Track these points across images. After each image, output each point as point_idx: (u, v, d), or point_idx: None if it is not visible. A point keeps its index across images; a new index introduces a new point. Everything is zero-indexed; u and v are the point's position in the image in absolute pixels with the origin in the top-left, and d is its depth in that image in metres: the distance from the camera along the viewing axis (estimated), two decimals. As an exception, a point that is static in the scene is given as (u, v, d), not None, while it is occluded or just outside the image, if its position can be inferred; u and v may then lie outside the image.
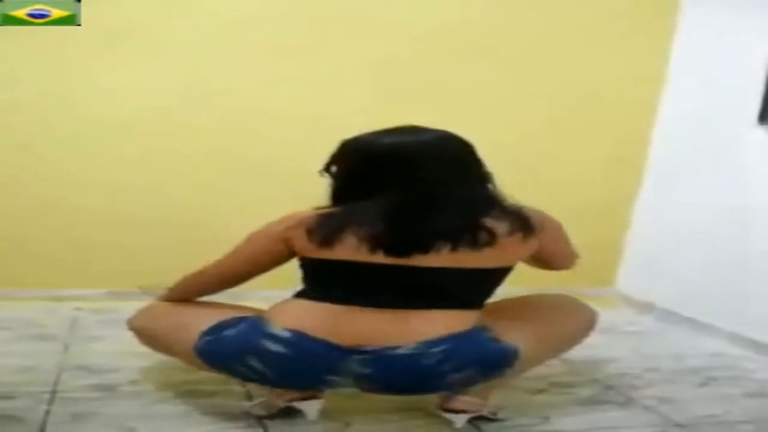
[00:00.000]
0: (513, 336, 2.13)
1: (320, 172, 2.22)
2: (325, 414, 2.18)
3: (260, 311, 2.17)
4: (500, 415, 2.25)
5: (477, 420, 2.20)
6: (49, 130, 3.28)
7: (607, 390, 2.64)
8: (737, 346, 3.25)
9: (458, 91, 3.60)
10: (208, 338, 2.13)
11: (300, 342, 2.02)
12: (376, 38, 3.51)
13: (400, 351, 2.02)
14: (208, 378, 2.42)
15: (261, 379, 2.12)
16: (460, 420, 2.18)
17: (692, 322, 3.53)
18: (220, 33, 3.38)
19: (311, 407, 2.16)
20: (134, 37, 3.27)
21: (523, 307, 2.34)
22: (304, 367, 2.05)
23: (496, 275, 2.18)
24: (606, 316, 2.52)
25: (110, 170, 3.36)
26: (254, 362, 2.05)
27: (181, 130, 3.39)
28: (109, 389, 2.38)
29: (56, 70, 3.25)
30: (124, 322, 2.36)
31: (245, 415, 2.19)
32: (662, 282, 3.77)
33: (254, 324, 2.09)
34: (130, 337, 2.42)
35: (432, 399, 2.21)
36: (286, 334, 2.03)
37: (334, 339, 2.02)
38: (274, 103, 3.44)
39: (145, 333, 2.39)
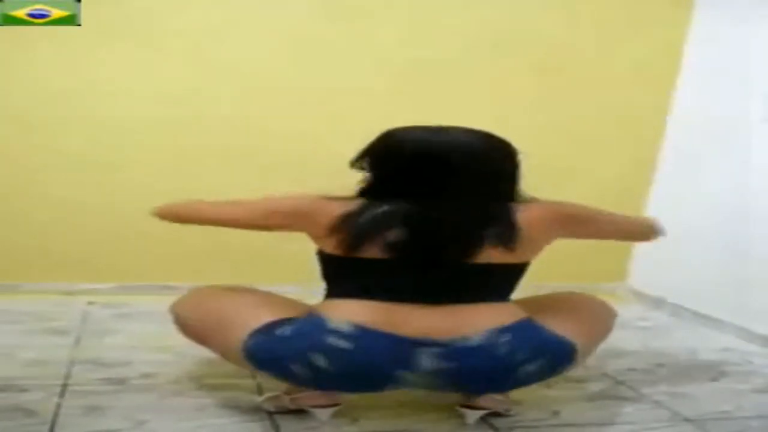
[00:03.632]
0: (563, 332, 2.13)
1: (352, 162, 2.18)
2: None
3: (307, 306, 2.14)
4: (512, 411, 2.25)
5: (489, 415, 2.20)
6: (58, 127, 3.32)
7: (618, 385, 2.63)
8: (748, 342, 3.25)
9: (474, 88, 3.60)
10: (259, 338, 2.05)
11: (367, 336, 1.97)
12: (391, 34, 3.52)
13: (471, 342, 1.98)
14: (220, 372, 2.43)
15: (316, 379, 2.03)
16: (473, 416, 2.18)
17: (703, 318, 3.52)
18: (225, 26, 3.40)
19: (323, 413, 2.15)
20: (137, 31, 3.31)
21: (559, 305, 2.32)
22: (373, 362, 1.98)
23: (523, 268, 2.17)
24: (618, 310, 2.51)
25: (118, 166, 3.38)
26: (318, 360, 1.97)
27: (188, 125, 3.41)
28: (121, 382, 2.39)
29: (59, 69, 3.27)
30: (136, 315, 2.36)
31: (256, 409, 2.20)
32: (674, 277, 3.76)
33: (312, 321, 2.03)
34: (141, 330, 2.42)
35: (445, 395, 2.21)
36: (351, 328, 1.97)
37: (400, 332, 1.98)
38: (282, 97, 3.46)
39: (187, 323, 2.31)
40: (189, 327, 2.30)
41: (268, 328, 2.06)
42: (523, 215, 2.09)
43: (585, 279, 2.99)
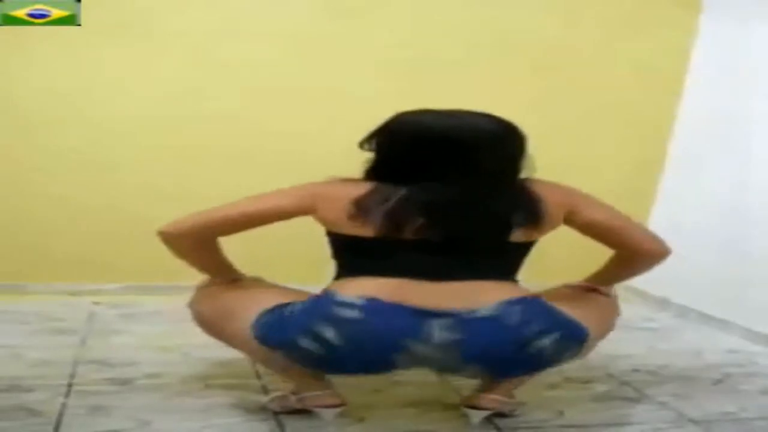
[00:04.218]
0: (573, 315, 2.11)
1: (360, 144, 2.17)
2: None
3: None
4: (517, 411, 2.25)
5: (494, 416, 2.20)
6: (60, 127, 3.33)
7: (622, 386, 2.63)
8: (753, 343, 3.24)
9: (476, 87, 3.59)
10: (268, 316, 2.05)
11: (377, 306, 1.95)
12: (391, 35, 3.53)
13: (482, 312, 1.97)
14: (225, 372, 2.44)
15: (325, 356, 1.98)
16: (477, 416, 2.17)
17: (709, 319, 3.52)
18: (225, 25, 3.41)
19: (329, 413, 2.14)
20: (137, 31, 3.32)
21: (568, 295, 2.31)
22: (383, 331, 1.95)
23: (533, 244, 2.17)
24: (622, 311, 2.51)
25: (121, 167, 3.40)
26: (326, 331, 1.94)
27: (191, 124, 3.42)
28: (126, 383, 2.39)
29: (59, 69, 3.29)
30: (142, 316, 2.36)
31: (261, 410, 2.20)
32: (679, 278, 3.75)
33: (321, 296, 2.03)
34: (147, 331, 2.42)
35: (449, 394, 2.21)
36: (360, 300, 1.96)
37: (409, 303, 1.96)
38: (282, 96, 3.47)
39: (203, 316, 2.29)
40: (204, 319, 2.29)
41: (278, 308, 2.06)
42: (540, 189, 2.11)
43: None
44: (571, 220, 2.18)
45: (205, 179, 3.42)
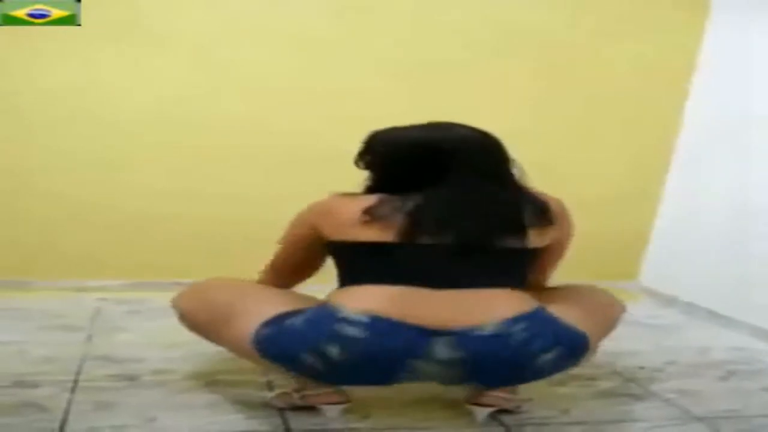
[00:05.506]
0: (573, 322, 2.11)
1: (355, 162, 2.22)
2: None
3: (316, 299, 2.14)
4: (522, 408, 2.25)
5: (498, 412, 2.20)
6: (62, 127, 3.33)
7: (628, 383, 2.63)
8: (760, 340, 3.24)
9: (480, 84, 3.59)
10: (269, 329, 2.03)
11: (380, 324, 1.94)
12: (392, 34, 3.53)
13: (486, 331, 1.96)
14: (230, 369, 2.44)
15: (327, 370, 1.99)
16: (482, 413, 2.17)
17: (715, 316, 3.51)
18: (226, 25, 3.41)
19: (333, 410, 2.15)
20: (137, 31, 3.31)
21: (567, 296, 2.30)
22: (386, 351, 1.94)
23: (535, 254, 2.18)
24: (629, 308, 2.51)
25: (124, 166, 3.40)
26: (331, 350, 1.94)
27: (197, 124, 3.42)
28: (132, 379, 2.40)
29: (60, 69, 3.29)
30: (147, 312, 2.36)
31: (266, 406, 2.20)
32: (686, 275, 3.76)
33: (322, 310, 2.01)
34: (153, 327, 2.42)
35: (454, 391, 2.21)
36: (363, 317, 1.94)
37: (413, 321, 1.95)
38: (285, 96, 3.47)
39: (193, 318, 2.30)
40: (195, 322, 2.29)
41: (278, 319, 2.05)
42: (541, 196, 2.15)
43: (597, 277, 2.98)
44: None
45: (207, 178, 3.44)
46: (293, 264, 2.33)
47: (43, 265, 3.37)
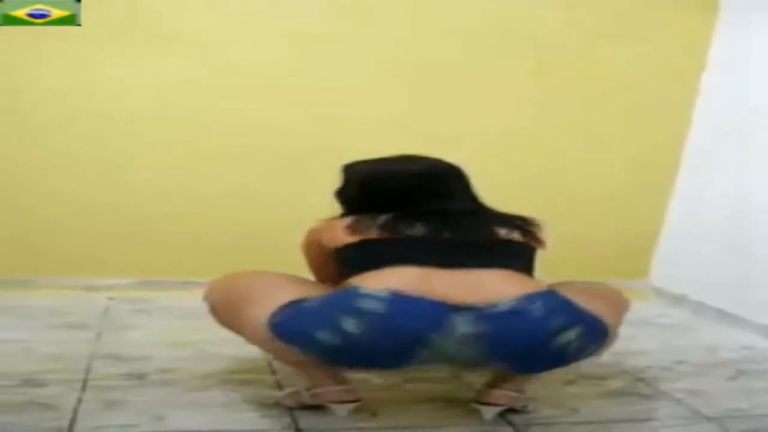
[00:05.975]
0: (589, 307, 2.09)
1: (336, 195, 2.33)
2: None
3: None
4: (530, 407, 2.24)
5: (506, 412, 2.20)
6: (65, 126, 3.34)
7: (637, 382, 2.63)
8: (769, 339, 3.24)
9: (484, 81, 3.59)
10: (286, 310, 2.02)
11: (399, 300, 1.92)
12: (393, 35, 3.52)
13: (505, 307, 1.95)
14: (239, 368, 2.44)
15: (342, 347, 1.94)
16: (490, 412, 2.17)
17: (725, 315, 3.50)
18: (228, 25, 3.42)
19: (343, 409, 2.14)
20: (137, 31, 3.32)
21: (575, 287, 2.25)
22: (406, 324, 1.92)
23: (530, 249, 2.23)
24: (638, 308, 2.50)
25: (127, 165, 3.41)
26: (346, 322, 1.91)
27: (198, 123, 3.42)
28: (140, 377, 2.40)
29: (59, 69, 3.29)
30: (155, 311, 2.36)
31: (275, 405, 2.20)
32: (695, 275, 3.75)
33: (341, 291, 2.02)
34: (161, 326, 2.43)
35: (462, 390, 2.21)
36: (382, 293, 1.92)
37: (433, 296, 1.94)
38: (286, 95, 3.46)
39: (217, 306, 2.29)
40: (219, 310, 2.28)
41: (297, 302, 2.05)
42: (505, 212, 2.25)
43: (606, 276, 2.97)
44: None
45: (210, 177, 3.44)
46: (322, 265, 2.36)
47: (47, 263, 3.37)
